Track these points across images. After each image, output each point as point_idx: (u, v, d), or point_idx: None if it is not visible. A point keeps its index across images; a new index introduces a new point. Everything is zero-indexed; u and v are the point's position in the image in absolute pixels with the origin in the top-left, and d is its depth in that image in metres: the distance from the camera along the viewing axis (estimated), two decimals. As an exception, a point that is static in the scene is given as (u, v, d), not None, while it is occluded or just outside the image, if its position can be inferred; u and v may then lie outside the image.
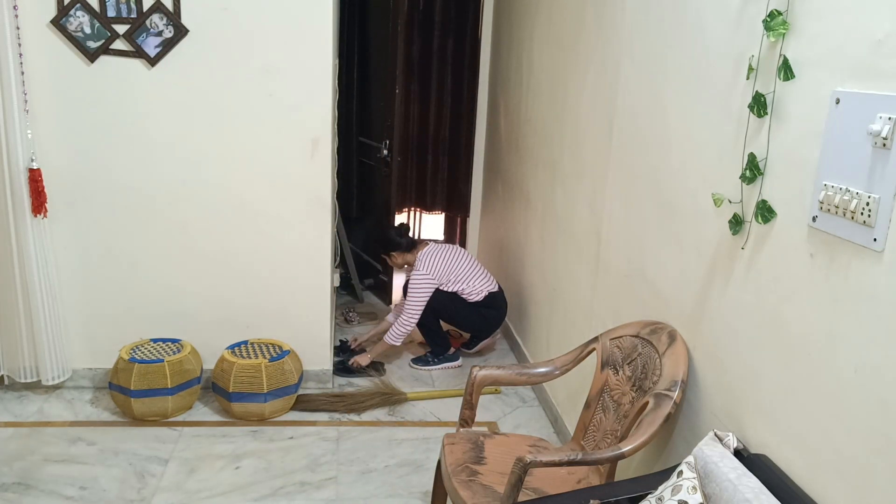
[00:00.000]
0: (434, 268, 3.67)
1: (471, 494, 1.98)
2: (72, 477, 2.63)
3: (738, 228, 1.73)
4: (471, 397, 2.29)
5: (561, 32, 3.19)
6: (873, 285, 1.31)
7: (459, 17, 4.74)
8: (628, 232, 2.42)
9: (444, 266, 3.69)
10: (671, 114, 2.11)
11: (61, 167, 3.03)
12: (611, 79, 2.58)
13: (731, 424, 1.77)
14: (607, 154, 2.60)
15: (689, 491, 1.56)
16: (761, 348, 1.65)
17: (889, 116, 1.27)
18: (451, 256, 3.74)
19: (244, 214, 3.17)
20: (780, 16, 1.55)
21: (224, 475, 2.70)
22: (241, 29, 2.96)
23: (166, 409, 3.03)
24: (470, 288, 3.70)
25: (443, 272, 3.68)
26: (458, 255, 3.77)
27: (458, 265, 3.73)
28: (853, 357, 1.35)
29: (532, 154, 3.66)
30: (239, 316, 3.29)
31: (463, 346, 3.94)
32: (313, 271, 3.28)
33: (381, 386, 3.37)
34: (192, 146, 3.07)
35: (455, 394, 3.43)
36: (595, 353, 2.29)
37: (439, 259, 3.71)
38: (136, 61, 2.96)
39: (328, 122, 3.12)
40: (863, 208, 1.32)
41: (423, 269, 3.65)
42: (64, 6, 2.86)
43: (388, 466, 2.81)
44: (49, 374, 3.15)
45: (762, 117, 1.63)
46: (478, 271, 3.77)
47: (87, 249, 3.15)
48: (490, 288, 3.75)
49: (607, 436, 2.15)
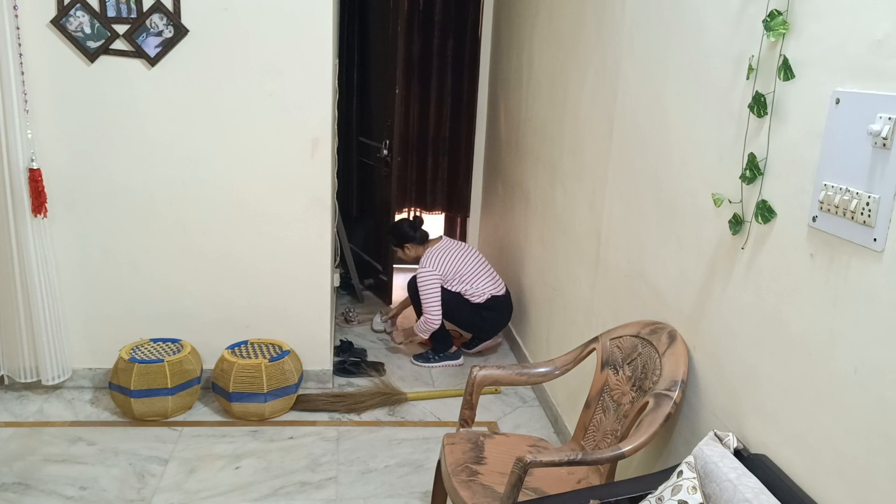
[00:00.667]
0: (438, 265, 3.70)
1: (471, 494, 1.98)
2: (72, 477, 2.63)
3: (738, 228, 1.73)
4: (471, 397, 2.29)
5: (561, 32, 3.19)
6: (873, 285, 1.31)
7: (459, 17, 4.74)
8: (628, 232, 2.42)
9: (448, 264, 3.71)
10: (671, 114, 2.11)
11: (61, 167, 3.03)
12: (611, 79, 2.58)
13: (731, 424, 1.77)
14: (607, 154, 2.60)
15: (689, 491, 1.56)
16: (761, 348, 1.65)
17: (889, 116, 1.27)
18: (458, 255, 3.75)
19: (244, 214, 3.17)
20: (780, 16, 1.55)
21: (224, 475, 2.70)
22: (241, 29, 2.96)
23: (166, 409, 3.03)
24: (473, 289, 3.71)
25: (447, 270, 3.70)
26: (466, 255, 3.78)
27: (464, 265, 3.74)
28: (853, 357, 1.35)
29: (532, 154, 3.66)
30: (239, 316, 3.29)
31: (463, 345, 3.94)
32: (313, 271, 3.28)
33: (382, 386, 3.36)
34: (192, 146, 3.07)
35: (455, 394, 3.43)
36: (595, 353, 2.29)
37: (445, 257, 3.72)
38: (136, 61, 2.96)
39: (328, 122, 3.12)
40: (863, 208, 1.32)
41: (428, 266, 3.70)
42: (64, 6, 2.86)
43: (388, 466, 2.81)
44: (49, 374, 3.15)
45: (762, 117, 1.63)
46: (484, 272, 3.78)
47: (87, 249, 3.15)
48: (494, 291, 3.75)
49: (607, 436, 2.15)
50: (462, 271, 3.72)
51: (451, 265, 3.71)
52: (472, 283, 3.71)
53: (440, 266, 3.70)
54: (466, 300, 3.71)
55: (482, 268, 3.79)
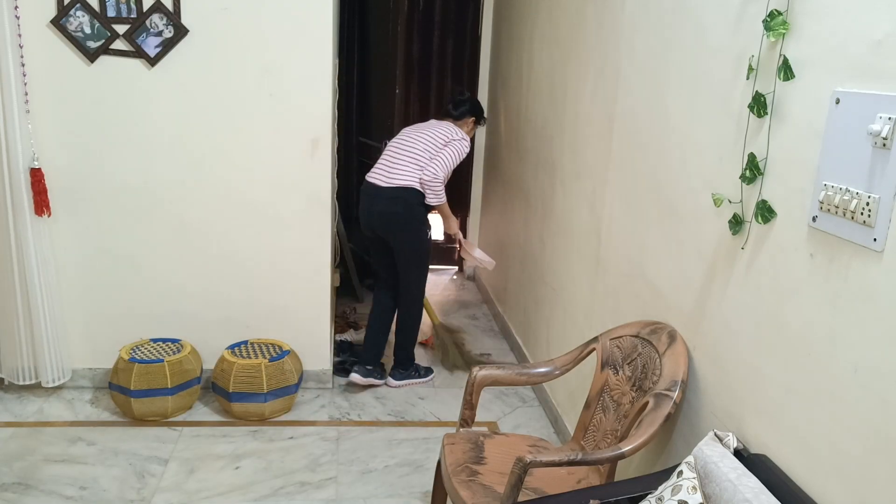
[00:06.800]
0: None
1: (471, 494, 1.98)
2: (72, 477, 2.63)
3: (738, 228, 1.73)
4: (471, 397, 2.29)
5: (561, 32, 3.19)
6: (873, 285, 1.31)
7: (459, 17, 4.74)
8: (628, 232, 2.42)
9: None
10: (671, 114, 2.11)
11: (61, 167, 3.03)
12: (611, 79, 2.58)
13: (731, 424, 1.77)
14: (607, 154, 2.60)
15: (689, 491, 1.56)
16: (761, 348, 1.65)
17: (889, 116, 1.27)
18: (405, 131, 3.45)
19: (244, 214, 3.17)
20: (780, 16, 1.55)
21: (224, 475, 2.70)
22: (241, 29, 2.96)
23: (166, 409, 3.03)
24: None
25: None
26: (404, 134, 3.43)
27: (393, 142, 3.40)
28: (853, 357, 1.35)
29: (532, 154, 3.66)
30: (239, 316, 3.29)
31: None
32: (313, 271, 3.28)
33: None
34: (193, 146, 3.07)
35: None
36: (595, 353, 2.29)
37: None
38: (136, 61, 2.96)
39: (328, 122, 3.12)
40: (863, 208, 1.32)
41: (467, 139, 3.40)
42: (64, 6, 2.86)
43: (388, 466, 2.81)
44: (49, 375, 3.14)
45: (762, 117, 1.63)
46: (394, 156, 3.35)
47: (87, 249, 3.15)
48: (373, 177, 3.36)
49: (607, 436, 2.16)
50: None
51: None
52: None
53: None
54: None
55: (398, 152, 3.32)
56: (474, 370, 2.29)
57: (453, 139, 3.32)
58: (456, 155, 3.33)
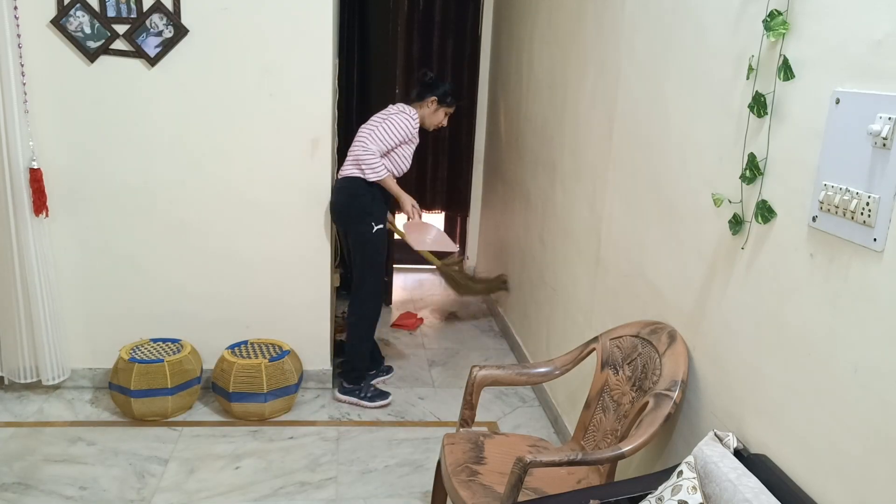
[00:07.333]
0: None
1: (471, 494, 1.98)
2: (72, 477, 2.63)
3: (738, 228, 1.73)
4: (471, 397, 2.29)
5: (561, 32, 3.19)
6: (873, 285, 1.31)
7: (459, 17, 4.74)
8: (628, 232, 2.42)
9: None
10: (671, 114, 2.11)
11: (61, 167, 3.03)
12: (611, 79, 2.58)
13: (731, 424, 1.77)
14: (607, 154, 2.60)
15: (689, 491, 1.56)
16: (761, 348, 1.65)
17: (889, 116, 1.27)
18: None
19: (244, 214, 3.17)
20: (780, 16, 1.55)
21: (224, 475, 2.70)
22: (241, 29, 2.96)
23: (166, 409, 3.03)
24: None
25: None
26: None
27: None
28: (853, 357, 1.35)
29: (532, 154, 3.66)
30: (239, 316, 3.29)
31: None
32: (313, 271, 3.28)
33: None
34: (193, 146, 3.07)
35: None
36: (595, 353, 2.29)
37: None
38: (136, 61, 2.96)
39: (328, 122, 3.12)
40: (863, 208, 1.32)
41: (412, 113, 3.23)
42: (64, 6, 2.86)
43: (388, 466, 2.81)
44: (49, 374, 3.15)
45: (762, 117, 1.63)
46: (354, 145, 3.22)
47: (87, 249, 3.15)
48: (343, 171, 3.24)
49: (607, 436, 2.16)
50: None
51: None
52: None
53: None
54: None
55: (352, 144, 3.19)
56: (474, 370, 2.29)
57: (391, 114, 3.21)
58: (393, 128, 3.14)
